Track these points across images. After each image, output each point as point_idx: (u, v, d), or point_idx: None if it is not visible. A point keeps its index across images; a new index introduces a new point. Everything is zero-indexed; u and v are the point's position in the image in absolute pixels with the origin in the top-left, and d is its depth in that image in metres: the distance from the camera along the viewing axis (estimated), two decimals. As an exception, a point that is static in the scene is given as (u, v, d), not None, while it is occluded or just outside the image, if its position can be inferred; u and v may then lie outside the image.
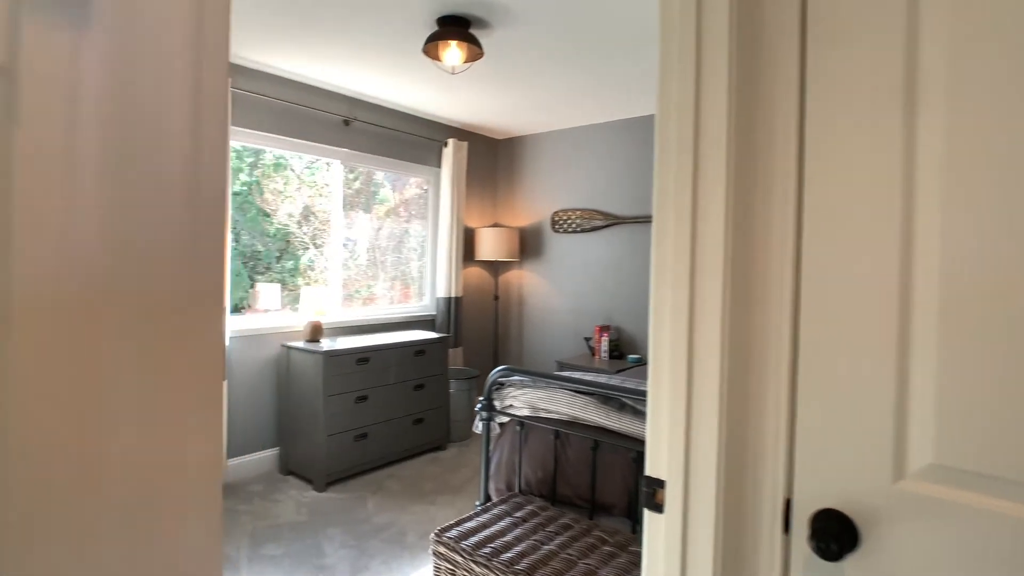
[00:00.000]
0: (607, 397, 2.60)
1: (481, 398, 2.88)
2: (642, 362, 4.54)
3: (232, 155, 3.83)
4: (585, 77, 3.76)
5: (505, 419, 2.94)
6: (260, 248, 4.03)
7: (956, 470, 0.80)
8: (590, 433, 2.54)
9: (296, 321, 4.01)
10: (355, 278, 4.58)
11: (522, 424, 2.78)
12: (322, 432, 3.55)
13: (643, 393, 2.33)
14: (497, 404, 2.90)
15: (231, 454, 3.64)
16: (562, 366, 4.59)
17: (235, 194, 3.84)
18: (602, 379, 3.04)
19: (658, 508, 1.05)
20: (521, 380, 2.89)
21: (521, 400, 2.81)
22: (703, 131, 0.96)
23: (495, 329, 5.48)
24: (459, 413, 4.64)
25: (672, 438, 1.03)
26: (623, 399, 2.51)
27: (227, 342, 3.51)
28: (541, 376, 2.70)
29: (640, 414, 2.46)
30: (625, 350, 4.81)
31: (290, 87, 3.87)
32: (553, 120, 4.92)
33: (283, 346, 3.82)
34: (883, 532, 0.85)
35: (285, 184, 4.09)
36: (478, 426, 2.90)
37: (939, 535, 0.80)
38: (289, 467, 3.81)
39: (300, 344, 3.75)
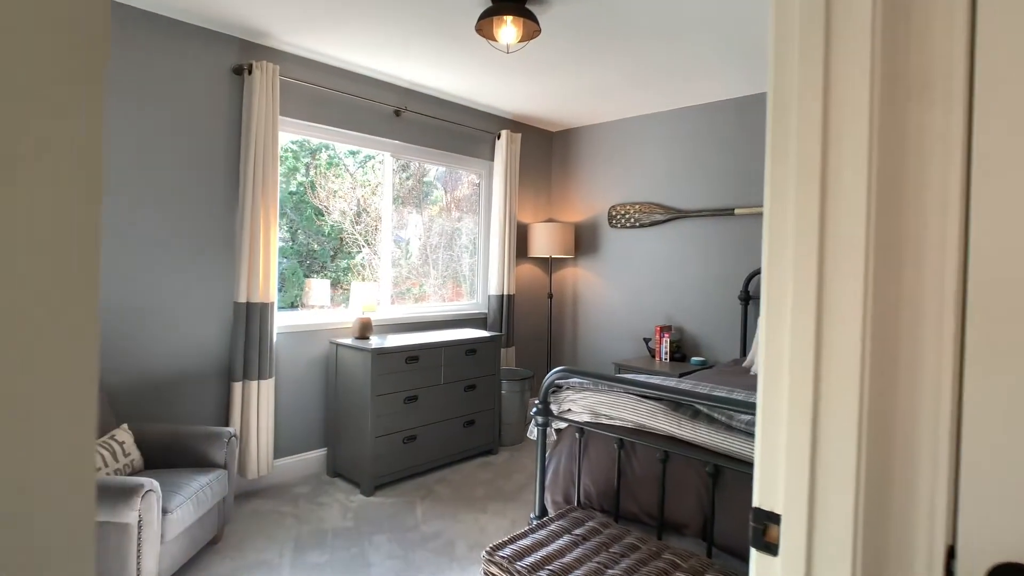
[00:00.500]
0: (677, 403, 2.35)
1: (536, 401, 2.66)
2: (707, 365, 4.23)
3: (288, 154, 3.76)
4: (648, 60, 3.49)
5: (562, 425, 2.71)
6: (316, 247, 3.95)
7: None
8: (659, 443, 2.29)
9: (345, 318, 3.90)
10: (406, 276, 4.46)
11: (581, 431, 2.55)
12: (370, 433, 3.41)
13: (718, 399, 2.07)
14: (554, 408, 2.68)
15: (278, 454, 3.55)
16: (620, 368, 4.33)
17: (291, 193, 3.78)
18: (670, 383, 2.77)
19: (770, 549, 0.82)
20: (580, 383, 2.66)
21: (580, 404, 2.58)
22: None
23: (549, 328, 5.25)
24: (511, 415, 4.44)
25: (791, 461, 0.80)
26: (696, 405, 2.25)
27: (275, 338, 3.42)
28: (603, 378, 2.45)
29: (716, 422, 2.19)
30: (688, 352, 4.50)
31: (340, 76, 3.77)
32: (611, 110, 4.66)
33: (331, 343, 3.71)
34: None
35: (337, 179, 4.00)
36: (533, 432, 2.68)
37: None
38: (336, 469, 3.70)
39: (349, 341, 3.63)
